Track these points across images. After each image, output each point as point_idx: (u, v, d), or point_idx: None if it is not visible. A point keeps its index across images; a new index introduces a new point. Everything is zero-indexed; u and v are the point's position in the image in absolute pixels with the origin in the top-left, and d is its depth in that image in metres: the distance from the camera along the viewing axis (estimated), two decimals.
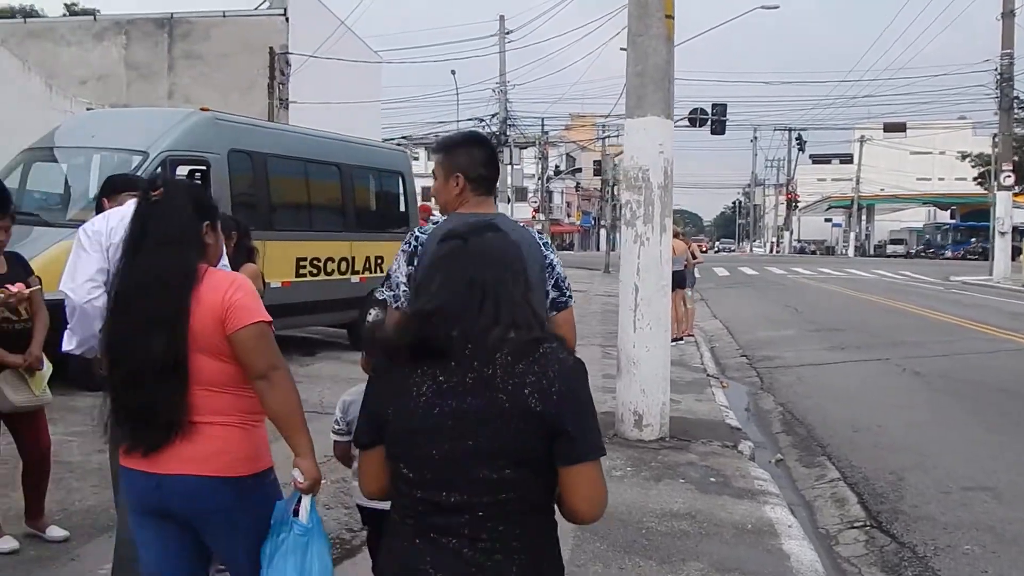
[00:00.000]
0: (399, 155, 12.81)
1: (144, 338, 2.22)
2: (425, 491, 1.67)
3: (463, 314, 1.68)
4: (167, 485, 2.25)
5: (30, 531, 4.21)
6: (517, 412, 1.63)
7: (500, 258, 1.78)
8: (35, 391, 3.97)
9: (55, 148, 8.90)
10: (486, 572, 1.64)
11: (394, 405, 1.71)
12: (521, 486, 1.65)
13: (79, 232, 3.26)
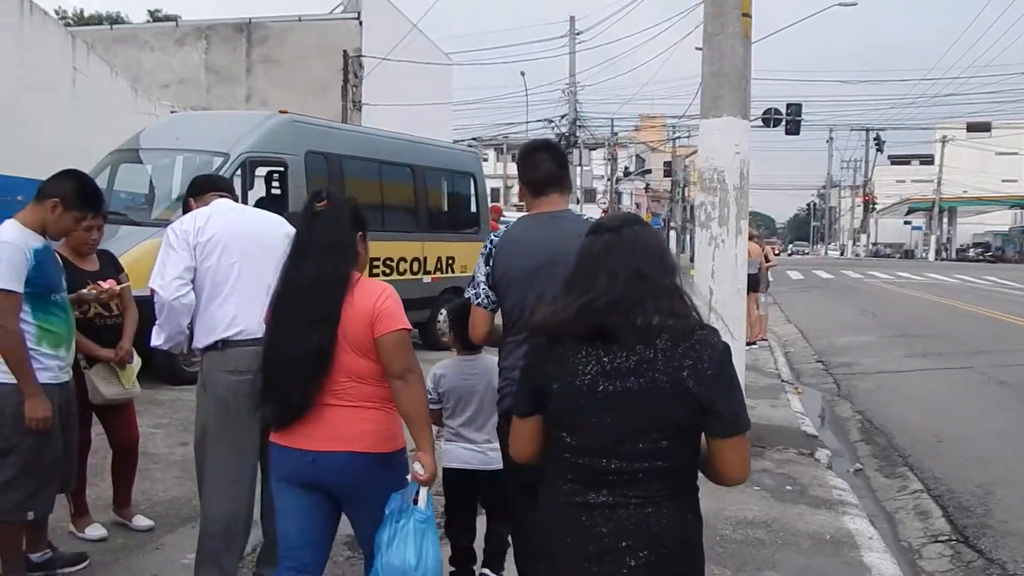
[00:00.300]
0: (470, 156, 12.89)
1: (303, 332, 2.56)
2: (587, 457, 1.90)
3: (630, 305, 1.89)
4: (322, 461, 2.58)
5: (117, 519, 4.37)
6: (675, 391, 1.85)
7: (652, 249, 1.99)
8: (125, 384, 4.11)
9: (141, 150, 9.22)
10: (638, 525, 1.87)
11: (559, 382, 1.92)
12: (673, 454, 1.88)
13: (168, 231, 3.35)
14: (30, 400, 3.30)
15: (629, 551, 1.87)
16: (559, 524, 1.94)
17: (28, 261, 3.30)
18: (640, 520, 1.87)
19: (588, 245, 2.02)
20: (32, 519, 3.48)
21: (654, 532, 1.87)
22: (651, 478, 1.88)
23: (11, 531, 3.45)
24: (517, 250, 2.94)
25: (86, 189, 3.62)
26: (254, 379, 3.25)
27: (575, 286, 1.98)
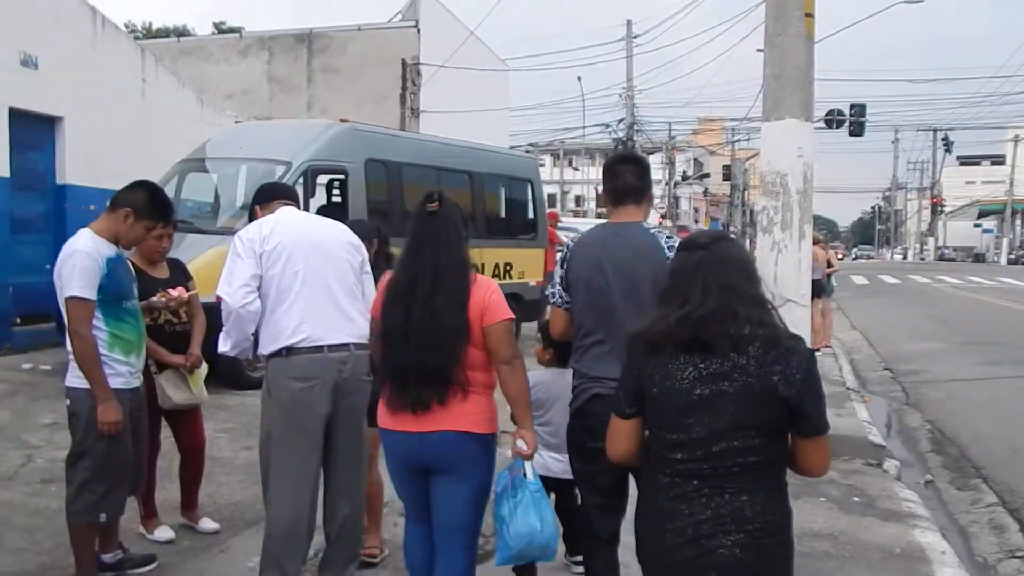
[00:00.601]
0: (528, 162, 12.92)
1: (441, 311, 2.83)
2: (686, 453, 2.11)
3: (723, 316, 2.10)
4: (427, 440, 2.87)
5: (184, 522, 4.46)
6: (766, 394, 2.06)
7: (741, 263, 2.22)
8: (193, 390, 4.20)
9: (206, 159, 9.45)
10: (733, 513, 2.07)
11: (659, 386, 2.14)
12: (764, 450, 2.09)
13: (235, 239, 3.41)
14: (102, 405, 3.40)
15: (726, 536, 2.07)
16: (661, 512, 2.15)
17: (101, 269, 3.41)
18: (736, 509, 2.08)
19: (682, 261, 2.24)
20: (104, 520, 3.59)
21: (748, 519, 2.08)
22: (744, 472, 2.08)
23: (85, 532, 3.56)
24: (586, 255, 3.16)
25: (157, 199, 3.72)
26: (318, 386, 3.33)
27: (671, 299, 2.19)
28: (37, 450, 5.75)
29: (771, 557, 2.12)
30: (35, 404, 7.01)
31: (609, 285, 3.00)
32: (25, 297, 9.50)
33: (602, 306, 2.97)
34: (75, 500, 3.50)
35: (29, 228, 9.83)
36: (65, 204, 10.18)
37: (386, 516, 4.46)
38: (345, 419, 3.46)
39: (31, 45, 9.50)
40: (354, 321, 3.48)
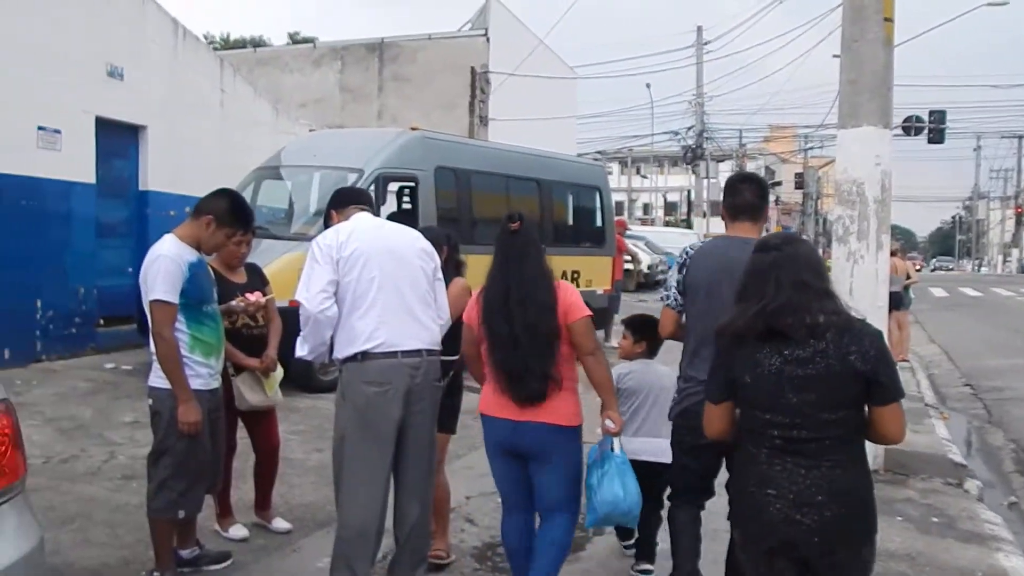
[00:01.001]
0: (596, 170, 12.89)
1: (536, 320, 3.25)
2: (780, 430, 2.42)
3: (799, 306, 2.42)
4: (522, 428, 3.30)
5: (258, 521, 4.57)
6: (845, 373, 2.38)
7: (811, 261, 2.52)
8: (268, 392, 4.31)
9: (281, 167, 9.69)
10: (829, 484, 2.38)
11: (749, 373, 2.46)
12: (847, 423, 2.41)
13: (312, 245, 3.48)
14: (183, 405, 3.52)
15: (822, 504, 2.37)
16: (761, 480, 2.45)
17: (184, 274, 3.53)
18: (831, 479, 2.38)
19: (757, 260, 2.55)
20: (183, 517, 3.70)
21: (841, 490, 2.39)
22: (832, 444, 2.40)
23: (164, 528, 3.68)
24: (706, 264, 3.42)
25: (238, 207, 3.84)
26: (391, 390, 3.38)
27: (749, 295, 2.51)
28: (119, 447, 5.96)
29: (860, 519, 2.44)
30: (117, 403, 7.28)
31: (725, 294, 2.94)
32: (108, 299, 9.86)
33: (718, 313, 2.87)
34: (156, 497, 3.62)
35: (113, 233, 10.21)
36: (147, 210, 10.55)
37: (453, 521, 4.50)
38: (416, 423, 3.51)
39: (118, 57, 9.88)
40: (427, 327, 3.53)
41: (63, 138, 9.11)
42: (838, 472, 2.39)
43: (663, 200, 61.00)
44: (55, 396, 7.39)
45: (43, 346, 8.92)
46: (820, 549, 2.40)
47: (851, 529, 2.42)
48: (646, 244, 26.64)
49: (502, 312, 3.30)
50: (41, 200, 8.89)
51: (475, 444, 6.50)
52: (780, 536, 2.42)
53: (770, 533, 2.44)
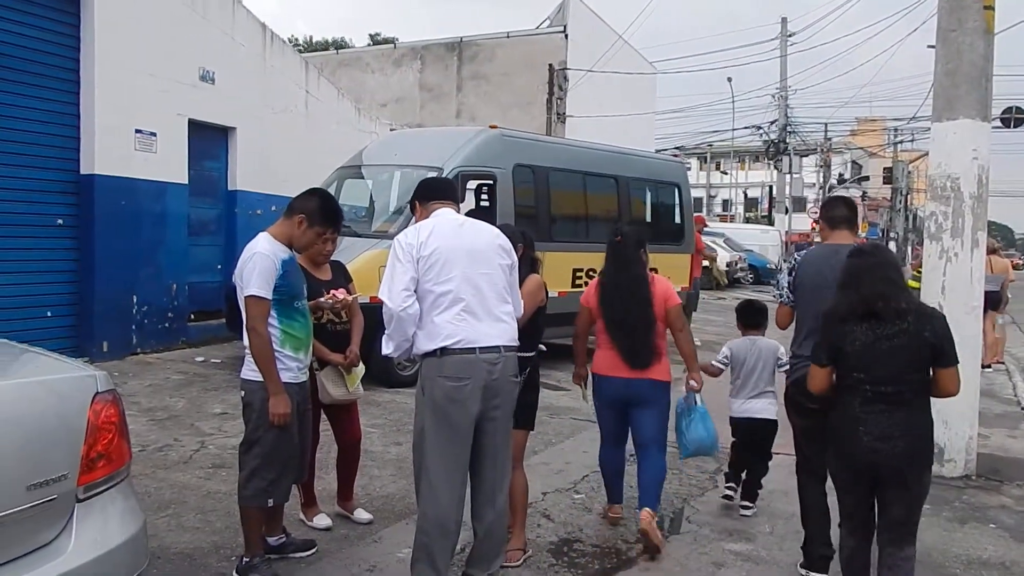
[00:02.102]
0: (675, 166, 12.74)
1: (637, 310, 4.45)
2: (871, 385, 3.38)
3: (888, 295, 3.38)
4: (632, 384, 4.46)
5: (340, 511, 4.70)
6: (922, 344, 3.34)
7: (895, 264, 3.56)
8: (350, 387, 4.41)
9: (363, 166, 9.89)
10: (903, 422, 3.34)
11: (850, 346, 3.41)
12: (918, 381, 3.38)
13: (394, 243, 3.56)
14: (274, 397, 3.64)
15: (898, 438, 3.34)
16: (856, 420, 3.41)
17: (277, 270, 3.65)
18: (905, 419, 3.36)
19: (855, 262, 3.52)
20: (271, 505, 3.83)
21: (912, 425, 3.37)
22: (909, 397, 3.37)
23: (254, 515, 3.81)
24: (813, 268, 4.21)
25: (328, 207, 3.95)
26: (469, 385, 3.43)
27: (848, 287, 3.48)
28: (209, 437, 6.20)
29: (924, 450, 3.43)
30: (207, 395, 7.56)
31: (827, 292, 3.77)
32: (199, 295, 10.26)
33: (817, 307, 3.79)
34: (246, 485, 3.75)
35: (203, 231, 10.60)
36: (235, 209, 10.90)
37: (530, 517, 4.54)
38: (494, 418, 3.56)
39: (209, 61, 10.24)
40: (505, 324, 3.58)
41: (158, 140, 9.50)
42: (910, 416, 3.36)
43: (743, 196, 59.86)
44: (150, 388, 7.73)
45: (138, 340, 9.33)
46: (893, 471, 3.36)
47: (916, 457, 3.39)
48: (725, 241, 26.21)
49: (616, 303, 4.47)
50: (138, 200, 9.30)
51: (551, 440, 6.56)
52: (867, 460, 3.39)
53: (859, 459, 3.41)
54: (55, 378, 2.58)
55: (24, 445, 2.29)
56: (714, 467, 6.12)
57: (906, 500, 3.39)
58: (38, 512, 2.28)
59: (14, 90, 8.17)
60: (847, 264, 3.52)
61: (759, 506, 5.19)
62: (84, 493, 2.43)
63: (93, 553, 2.38)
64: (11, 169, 8.18)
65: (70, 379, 2.58)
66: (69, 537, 2.36)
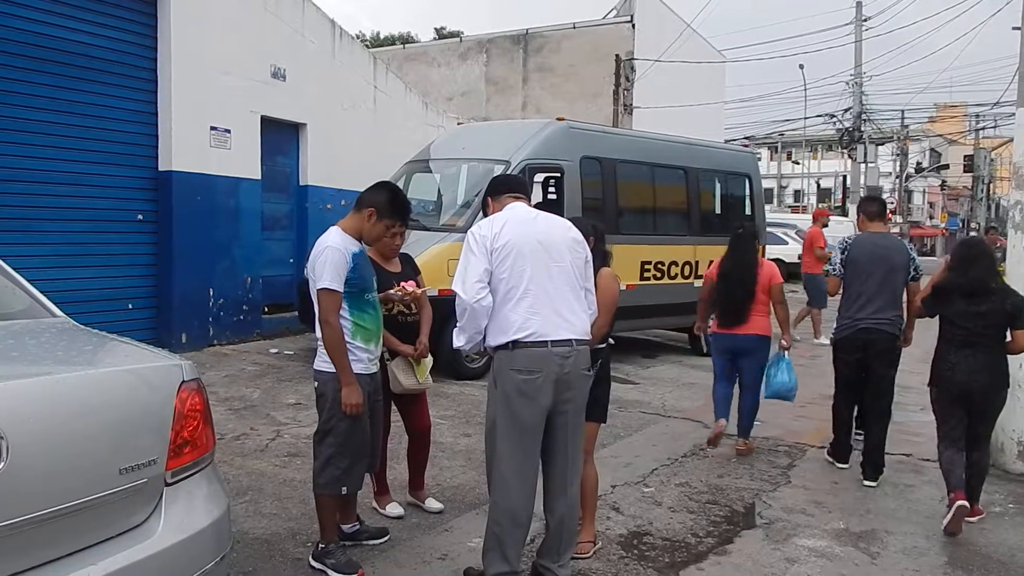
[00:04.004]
0: (746, 157, 12.53)
1: (743, 284, 6.02)
2: (965, 335, 4.79)
3: (984, 280, 4.81)
4: (737, 339, 6.06)
5: (412, 501, 4.78)
6: (1003, 311, 4.76)
7: (990, 255, 4.94)
8: (420, 378, 4.48)
9: (430, 160, 9.99)
10: (987, 362, 4.77)
11: (949, 312, 4.87)
12: (998, 336, 4.82)
13: (468, 236, 3.59)
14: (346, 388, 3.72)
15: (982, 372, 4.75)
16: (951, 360, 4.83)
17: (348, 264, 3.73)
18: (988, 360, 4.77)
19: (962, 251, 4.96)
20: (345, 493, 3.92)
21: (993, 365, 4.78)
22: (990, 345, 4.78)
23: (328, 503, 3.91)
24: (860, 250, 5.64)
25: (398, 200, 4.01)
26: (540, 378, 3.46)
27: (957, 270, 4.88)
28: (284, 427, 6.37)
29: (1001, 385, 4.82)
30: (281, 385, 7.76)
31: (873, 267, 5.54)
32: (272, 288, 10.52)
33: (865, 278, 5.55)
34: (321, 473, 3.85)
35: (276, 226, 10.86)
36: (306, 204, 11.14)
37: (599, 510, 4.56)
38: (565, 411, 3.57)
39: (280, 58, 10.48)
40: (577, 317, 3.59)
41: (232, 137, 9.77)
42: (991, 357, 4.78)
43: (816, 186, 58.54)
44: (226, 378, 7.96)
45: (215, 331, 9.62)
46: (981, 395, 4.78)
47: (996, 385, 4.81)
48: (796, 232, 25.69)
49: (727, 279, 6.11)
50: (213, 195, 9.58)
51: (620, 434, 6.56)
52: (961, 389, 4.79)
53: (955, 388, 4.81)
54: (144, 367, 2.69)
55: (116, 431, 2.39)
56: (786, 462, 6.05)
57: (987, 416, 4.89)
58: (129, 495, 2.39)
59: (95, 90, 8.49)
60: (957, 251, 5.02)
61: (831, 502, 5.13)
62: (172, 478, 2.53)
63: (181, 535, 2.47)
64: (93, 167, 8.51)
65: (158, 368, 2.68)
66: (158, 520, 2.46)
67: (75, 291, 7.71)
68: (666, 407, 7.78)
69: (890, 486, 5.56)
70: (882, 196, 6.41)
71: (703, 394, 8.47)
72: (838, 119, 31.76)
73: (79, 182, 8.37)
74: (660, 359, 10.60)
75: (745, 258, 6.12)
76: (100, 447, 2.34)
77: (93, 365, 2.71)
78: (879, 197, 6.14)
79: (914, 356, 6.13)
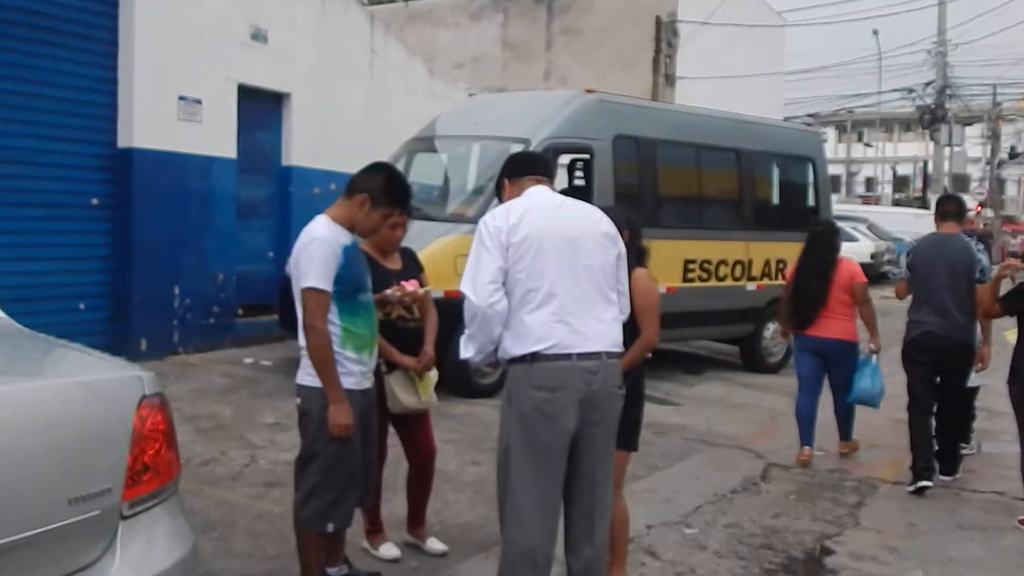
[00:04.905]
0: (809, 137, 12.47)
1: (816, 286, 6.72)
2: None
3: None
4: (819, 342, 6.74)
5: (410, 540, 4.75)
6: None
7: None
8: (422, 394, 4.45)
9: (437, 138, 10.00)
10: None
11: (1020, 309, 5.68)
12: None
13: (480, 226, 3.56)
14: (334, 406, 3.71)
15: None
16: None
17: (338, 259, 3.72)
18: None
19: None
20: (331, 531, 3.90)
21: None
22: None
23: (312, 541, 3.89)
24: (927, 253, 6.32)
25: (396, 185, 4.00)
26: (563, 397, 3.43)
27: None
28: (260, 451, 6.38)
29: None
30: (257, 401, 7.78)
31: (935, 269, 6.16)
32: (248, 286, 10.53)
33: (929, 281, 6.18)
34: (303, 506, 3.84)
35: (253, 213, 10.89)
36: (290, 188, 11.16)
37: (632, 553, 4.55)
38: (592, 436, 3.54)
39: (261, 18, 10.49)
40: (608, 326, 3.56)
41: (204, 109, 9.79)
42: None
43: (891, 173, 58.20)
44: (193, 392, 7.99)
45: (180, 337, 9.65)
46: None
47: None
48: (868, 227, 25.57)
49: (803, 278, 6.82)
50: (180, 177, 9.60)
51: (657, 464, 6.54)
52: None
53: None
54: (98, 378, 2.68)
55: (64, 454, 2.38)
56: (854, 500, 6.01)
57: None
58: (80, 529, 2.37)
59: (43, 52, 8.44)
60: None
61: (907, 547, 5.09)
62: (129, 509, 2.52)
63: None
64: (41, 142, 8.52)
65: (114, 380, 2.67)
66: (113, 559, 2.45)
67: (17, 288, 7.69)
68: (712, 433, 7.74)
69: (977, 530, 5.50)
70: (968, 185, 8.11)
71: (756, 417, 8.42)
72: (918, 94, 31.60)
73: (23, 160, 8.38)
74: (706, 376, 10.57)
75: (823, 256, 6.81)
76: (46, 473, 2.33)
77: (38, 376, 2.71)
78: (957, 197, 7.14)
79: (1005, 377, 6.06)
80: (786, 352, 10.67)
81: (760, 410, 8.78)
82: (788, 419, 7.17)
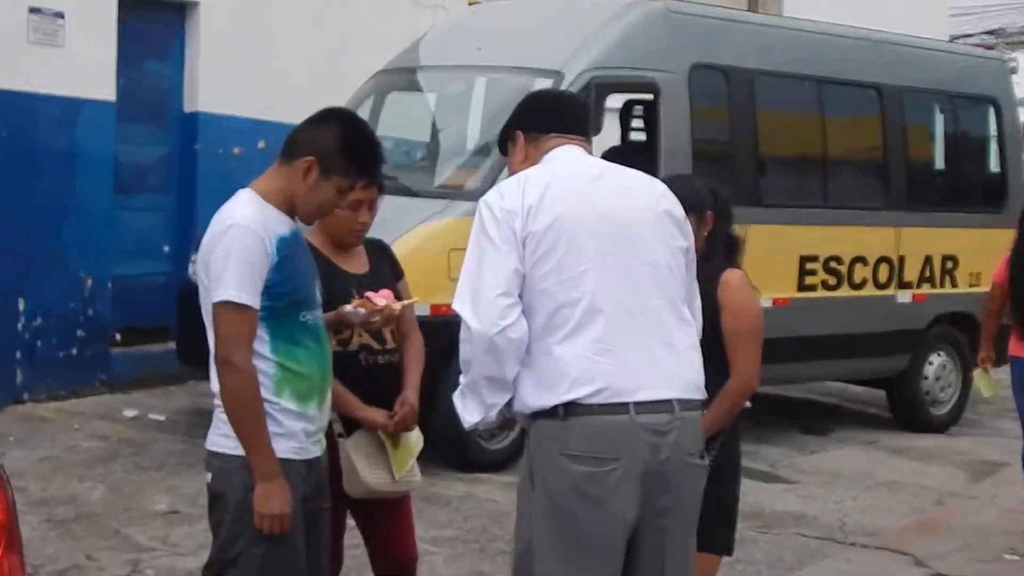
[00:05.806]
0: (989, 68, 12.42)
1: None
2: None
3: None
4: None
5: None
6: None
7: None
8: (397, 470, 4.36)
9: (420, 69, 9.98)
10: None
11: None
12: None
13: (481, 209, 3.52)
14: (263, 484, 3.60)
15: None
16: None
17: (270, 257, 3.61)
18: None
19: None
20: None
21: None
22: None
23: None
24: None
25: (357, 142, 3.89)
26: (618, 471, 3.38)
27: None
28: (148, 555, 6.33)
29: None
30: (143, 478, 7.75)
31: None
32: (131, 299, 10.50)
33: None
34: None
35: (140, 185, 10.89)
36: (195, 145, 11.13)
37: None
38: (661, 529, 3.53)
39: None
40: (682, 358, 3.54)
41: (67, 26, 9.78)
42: None
43: None
44: (45, 464, 7.94)
45: (27, 377, 9.62)
46: None
47: None
48: None
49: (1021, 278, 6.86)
50: (29, 130, 9.61)
51: (761, 573, 6.45)
52: None
53: None
54: None
55: None
56: None
57: None
58: None
59: None
60: None
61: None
62: None
63: None
64: None
65: None
66: None
67: None
68: (847, 526, 7.74)
69: None
70: None
71: (914, 501, 8.37)
72: None
73: None
74: (835, 437, 10.63)
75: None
76: None
77: None
78: None
79: None
80: (961, 397, 10.63)
81: (920, 490, 8.74)
82: (963, 504, 7.13)
